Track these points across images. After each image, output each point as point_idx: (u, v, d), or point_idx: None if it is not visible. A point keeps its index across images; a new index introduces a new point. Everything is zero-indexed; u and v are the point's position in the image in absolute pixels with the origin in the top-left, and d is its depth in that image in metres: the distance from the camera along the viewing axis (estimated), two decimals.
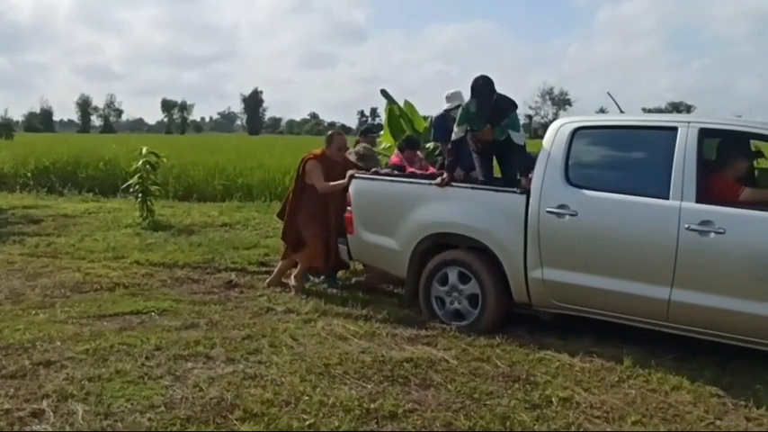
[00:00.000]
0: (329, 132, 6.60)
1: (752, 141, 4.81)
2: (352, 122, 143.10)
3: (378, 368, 4.17)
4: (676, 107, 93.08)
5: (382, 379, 4.02)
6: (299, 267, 6.25)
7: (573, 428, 3.45)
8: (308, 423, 3.40)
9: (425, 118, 10.02)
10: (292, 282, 6.18)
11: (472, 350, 4.58)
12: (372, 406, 3.60)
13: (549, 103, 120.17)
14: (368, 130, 8.24)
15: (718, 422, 3.58)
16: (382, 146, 10.27)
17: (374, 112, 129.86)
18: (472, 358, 4.43)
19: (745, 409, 3.75)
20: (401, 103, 9.68)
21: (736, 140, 4.65)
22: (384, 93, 9.70)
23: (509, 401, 3.74)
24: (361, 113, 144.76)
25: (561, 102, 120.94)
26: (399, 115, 9.52)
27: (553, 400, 3.77)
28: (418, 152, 6.98)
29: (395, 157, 7.07)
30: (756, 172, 5.08)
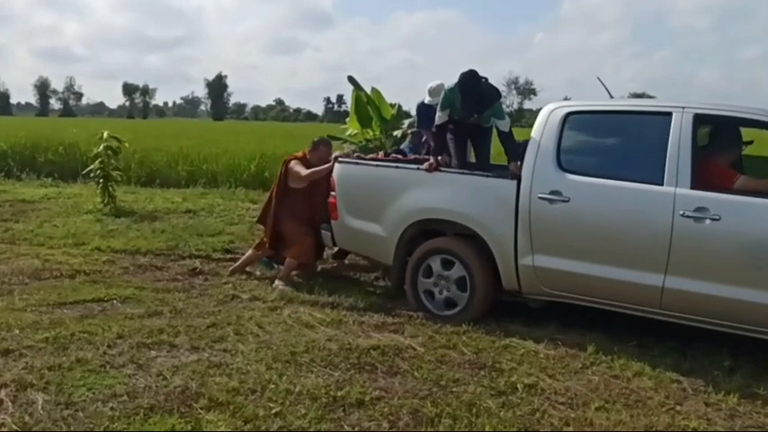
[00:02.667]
0: (316, 139, 6.42)
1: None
2: (318, 109, 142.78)
3: (344, 356, 4.16)
4: (638, 97, 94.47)
5: (349, 367, 4.01)
6: (285, 268, 6.10)
7: (537, 415, 3.48)
8: (274, 411, 3.37)
9: (392, 105, 10.00)
10: (280, 285, 5.86)
11: (439, 337, 4.59)
12: (339, 394, 3.59)
13: (514, 92, 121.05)
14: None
15: (678, 407, 3.65)
16: (348, 132, 10.23)
17: (340, 98, 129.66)
18: (439, 345, 4.44)
19: (704, 394, 3.83)
20: (368, 90, 9.64)
21: (730, 126, 4.64)
22: (351, 80, 9.65)
23: (475, 388, 3.76)
24: (327, 100, 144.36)
25: (526, 91, 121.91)
26: (366, 102, 9.48)
27: (518, 386, 3.81)
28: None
29: None
30: (744, 160, 5.06)
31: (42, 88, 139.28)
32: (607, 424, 3.41)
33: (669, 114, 4.41)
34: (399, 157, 6.28)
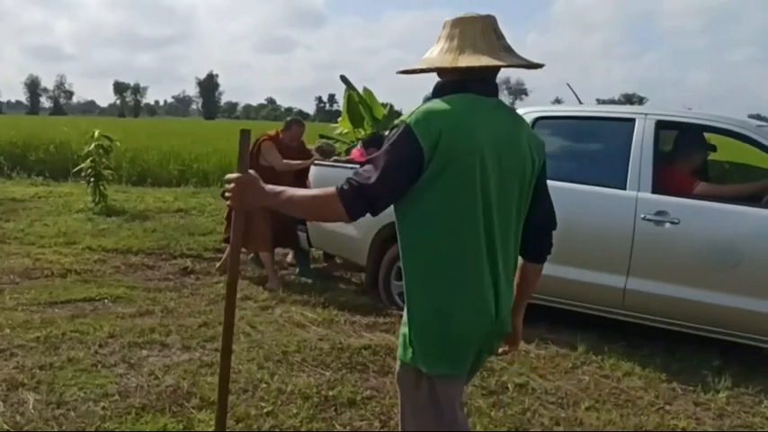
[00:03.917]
0: (289, 119, 6.56)
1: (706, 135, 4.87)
2: (310, 108, 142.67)
3: (336, 355, 4.17)
4: (629, 99, 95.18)
5: (341, 366, 4.02)
6: (266, 266, 6.08)
7: (528, 414, 3.51)
8: (265, 411, 3.38)
9: (384, 105, 10.01)
10: (272, 285, 5.86)
11: None
12: (331, 393, 3.60)
13: (505, 92, 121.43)
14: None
15: (667, 407, 3.68)
16: (337, 131, 10.25)
17: (332, 98, 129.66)
18: None
19: (693, 394, 3.87)
20: (360, 90, 9.65)
21: (692, 133, 4.73)
22: (343, 79, 9.65)
23: (466, 388, 3.77)
24: (319, 99, 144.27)
25: (518, 91, 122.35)
26: (358, 102, 9.48)
27: (509, 386, 3.83)
28: None
29: (356, 152, 7.05)
30: (710, 165, 5.18)
31: (33, 86, 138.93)
32: (597, 423, 3.44)
33: (632, 120, 4.55)
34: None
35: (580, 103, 5.32)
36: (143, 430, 3.17)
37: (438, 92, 1.95)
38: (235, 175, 1.90)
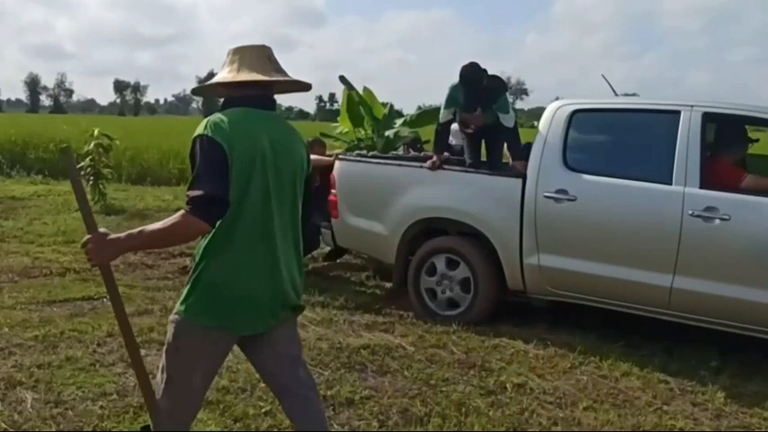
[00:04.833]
0: (311, 139, 6.43)
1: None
2: (311, 107, 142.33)
3: (335, 355, 4.17)
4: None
5: (339, 366, 4.02)
6: None
7: (526, 414, 3.51)
8: (264, 410, 3.38)
9: (384, 104, 9.99)
10: None
11: (429, 337, 4.61)
12: (329, 393, 3.60)
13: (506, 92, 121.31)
14: None
15: (665, 407, 3.68)
16: (338, 130, 10.24)
17: (332, 97, 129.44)
18: (429, 345, 4.46)
19: (691, 394, 3.87)
20: (360, 90, 9.63)
21: (737, 125, 4.59)
22: (343, 79, 9.62)
23: (465, 388, 3.78)
24: (320, 99, 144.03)
25: (518, 91, 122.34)
26: (358, 102, 9.46)
27: (507, 386, 3.83)
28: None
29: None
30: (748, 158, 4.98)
31: (33, 85, 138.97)
32: (595, 423, 3.44)
33: (677, 113, 4.36)
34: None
35: (615, 94, 5.16)
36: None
37: (223, 107, 2.32)
38: (86, 237, 2.15)
